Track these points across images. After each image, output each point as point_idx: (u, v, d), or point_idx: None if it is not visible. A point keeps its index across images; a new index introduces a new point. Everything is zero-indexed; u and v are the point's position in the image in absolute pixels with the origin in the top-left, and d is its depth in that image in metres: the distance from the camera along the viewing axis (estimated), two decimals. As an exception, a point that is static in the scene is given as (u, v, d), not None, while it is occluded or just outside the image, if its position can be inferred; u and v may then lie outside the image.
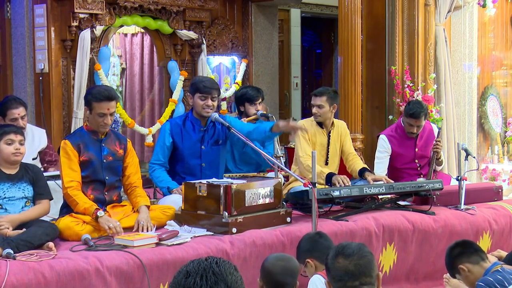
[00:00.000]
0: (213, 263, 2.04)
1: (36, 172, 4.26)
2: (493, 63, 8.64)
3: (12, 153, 4.08)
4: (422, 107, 5.75)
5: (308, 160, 5.14)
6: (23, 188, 4.12)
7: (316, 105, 5.38)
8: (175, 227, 4.34)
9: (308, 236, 3.76)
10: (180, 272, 2.03)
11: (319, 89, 5.51)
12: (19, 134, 4.16)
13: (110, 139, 4.48)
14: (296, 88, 10.27)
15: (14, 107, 5.06)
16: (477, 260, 3.67)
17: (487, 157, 8.52)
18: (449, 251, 3.79)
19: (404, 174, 5.85)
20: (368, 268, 2.65)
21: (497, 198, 5.66)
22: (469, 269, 3.65)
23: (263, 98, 6.06)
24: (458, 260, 3.70)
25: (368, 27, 7.57)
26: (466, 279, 3.68)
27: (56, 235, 3.99)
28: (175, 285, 2.01)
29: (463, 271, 3.66)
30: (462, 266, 3.66)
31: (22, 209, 4.08)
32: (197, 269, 2.01)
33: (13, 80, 6.83)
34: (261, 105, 6.04)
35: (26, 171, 4.19)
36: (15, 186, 4.09)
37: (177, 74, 7.65)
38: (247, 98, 5.93)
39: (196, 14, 7.71)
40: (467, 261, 3.67)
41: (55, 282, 3.48)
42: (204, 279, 1.99)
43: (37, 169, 4.35)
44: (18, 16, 6.74)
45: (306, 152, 5.26)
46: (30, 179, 4.16)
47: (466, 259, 3.68)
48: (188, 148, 5.04)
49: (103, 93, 4.35)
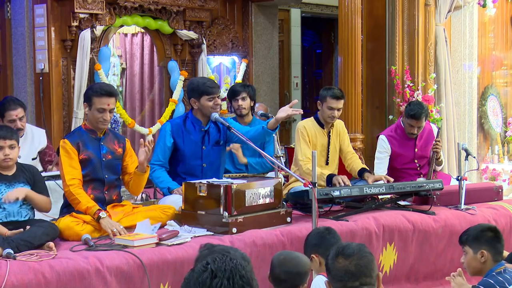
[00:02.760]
0: (239, 265, 1.96)
1: (34, 172, 4.26)
2: (493, 63, 8.64)
3: (2, 159, 4.07)
4: (423, 108, 5.75)
5: (308, 164, 5.16)
6: (20, 187, 4.11)
7: (337, 108, 5.34)
8: (175, 227, 4.34)
9: (317, 231, 3.74)
10: (204, 271, 1.92)
11: (340, 91, 5.42)
12: (8, 139, 4.09)
13: (108, 138, 4.48)
14: (296, 88, 10.27)
15: (12, 109, 5.05)
16: (497, 259, 3.63)
17: (487, 157, 8.52)
18: (484, 228, 3.71)
19: (404, 174, 5.85)
20: (368, 268, 2.65)
21: (497, 198, 5.66)
22: (486, 259, 3.61)
23: (250, 94, 6.02)
24: (487, 245, 3.61)
25: (368, 27, 7.57)
26: (474, 261, 3.62)
27: (56, 235, 3.99)
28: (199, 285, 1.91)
29: (481, 256, 3.61)
30: (485, 253, 3.61)
31: (20, 207, 4.08)
32: (224, 270, 1.93)
33: (13, 80, 6.83)
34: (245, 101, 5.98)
35: (23, 172, 4.19)
36: (12, 187, 4.08)
37: (177, 74, 7.65)
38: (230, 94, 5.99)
39: (196, 14, 7.71)
40: (492, 254, 3.61)
41: (55, 282, 3.48)
42: (231, 282, 1.92)
43: (35, 169, 4.35)
44: (18, 16, 6.74)
45: (305, 155, 5.27)
46: (27, 180, 4.16)
47: (493, 251, 3.62)
48: (189, 149, 5.04)
49: (104, 88, 4.36)
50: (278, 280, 3.25)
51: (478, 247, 3.63)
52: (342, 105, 5.40)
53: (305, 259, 3.36)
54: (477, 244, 3.64)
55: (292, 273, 3.23)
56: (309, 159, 5.22)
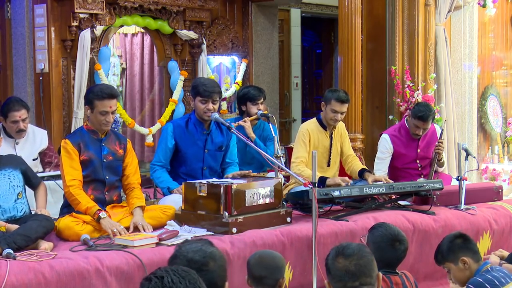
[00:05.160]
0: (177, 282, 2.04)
1: (17, 158, 4.33)
2: (493, 63, 8.64)
3: None
4: (430, 110, 5.76)
5: (299, 165, 5.21)
6: (8, 174, 4.12)
7: (341, 112, 5.32)
8: (175, 227, 4.33)
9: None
10: None
11: (345, 95, 5.36)
12: None
13: (110, 139, 4.48)
14: (296, 88, 10.27)
15: (15, 109, 5.05)
16: (478, 259, 3.66)
17: (487, 157, 8.52)
18: (451, 239, 3.73)
19: (405, 173, 5.85)
20: (368, 268, 2.66)
21: (497, 198, 5.65)
22: (469, 264, 3.63)
23: (265, 98, 6.05)
24: (462, 251, 3.64)
25: (368, 27, 7.57)
26: (460, 272, 3.64)
27: (52, 227, 4.00)
28: None
29: (463, 263, 3.63)
30: (465, 259, 3.62)
31: (15, 202, 4.09)
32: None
33: (13, 80, 6.83)
34: (262, 105, 6.03)
35: (7, 159, 4.21)
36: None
37: (177, 74, 7.65)
38: (249, 98, 5.91)
39: (196, 14, 7.71)
40: (471, 256, 3.64)
41: (55, 282, 3.47)
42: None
43: (18, 157, 4.41)
44: (18, 16, 6.74)
45: (299, 157, 5.26)
46: (14, 166, 4.18)
47: (471, 254, 3.64)
48: (191, 151, 5.03)
49: (105, 91, 4.35)
50: (259, 278, 3.31)
51: (456, 258, 3.65)
52: (346, 109, 5.36)
53: (279, 254, 3.49)
54: (454, 255, 3.67)
55: (271, 268, 3.32)
56: (301, 161, 5.24)
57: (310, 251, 4.23)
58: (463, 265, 3.62)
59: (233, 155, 5.22)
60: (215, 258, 2.65)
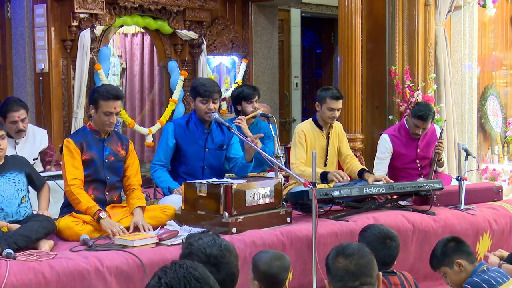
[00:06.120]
0: (190, 268, 1.97)
1: (23, 160, 4.29)
2: (493, 63, 8.64)
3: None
4: (430, 110, 5.76)
5: (300, 166, 5.23)
6: (13, 178, 4.10)
7: (337, 108, 5.36)
8: (175, 227, 4.33)
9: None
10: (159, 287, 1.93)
11: (338, 91, 5.45)
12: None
13: (112, 139, 4.48)
14: (296, 88, 10.27)
15: (14, 110, 5.05)
16: (472, 260, 3.68)
17: (487, 157, 8.52)
18: (444, 243, 3.76)
19: (405, 174, 5.85)
20: (368, 268, 2.66)
21: (497, 198, 5.65)
22: (464, 266, 3.64)
23: (259, 96, 6.07)
24: (457, 254, 3.68)
25: (368, 27, 7.57)
26: (456, 275, 3.67)
27: (53, 228, 4.00)
28: None
29: (458, 266, 3.65)
30: (460, 261, 3.65)
31: (18, 206, 4.07)
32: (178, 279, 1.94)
33: (13, 80, 6.83)
34: (258, 103, 6.03)
35: (13, 161, 4.18)
36: (3, 177, 4.06)
37: (177, 74, 7.65)
38: (244, 97, 5.93)
39: (196, 14, 7.71)
40: (465, 258, 3.66)
41: (55, 282, 3.47)
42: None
43: (23, 158, 4.36)
44: (18, 16, 6.74)
45: (299, 158, 5.28)
46: (19, 169, 4.15)
47: (465, 256, 3.67)
48: (191, 150, 5.03)
49: (111, 92, 4.35)
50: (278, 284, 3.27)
51: (451, 261, 3.68)
52: (341, 105, 5.42)
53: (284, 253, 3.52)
54: (449, 259, 3.69)
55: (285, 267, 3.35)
56: (301, 162, 5.26)
57: (310, 251, 4.23)
58: (458, 268, 3.65)
59: (237, 150, 5.21)
60: (230, 249, 2.67)
